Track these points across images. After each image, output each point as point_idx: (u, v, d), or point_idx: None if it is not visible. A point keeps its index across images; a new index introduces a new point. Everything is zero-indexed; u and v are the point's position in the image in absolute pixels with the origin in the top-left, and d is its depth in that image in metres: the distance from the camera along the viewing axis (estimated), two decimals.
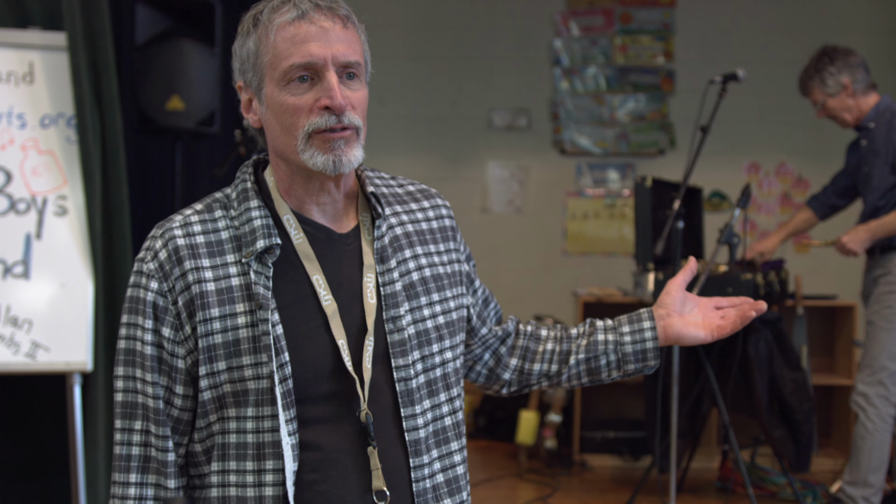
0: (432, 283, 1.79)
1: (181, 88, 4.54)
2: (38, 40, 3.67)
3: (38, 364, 3.47)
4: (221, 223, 1.71)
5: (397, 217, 1.81)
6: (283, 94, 1.65)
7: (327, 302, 1.67)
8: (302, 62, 1.63)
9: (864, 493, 4.36)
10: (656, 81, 6.83)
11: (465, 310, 1.88)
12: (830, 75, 4.54)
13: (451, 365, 1.79)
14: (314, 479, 1.64)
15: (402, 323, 1.71)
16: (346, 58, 1.66)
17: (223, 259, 1.67)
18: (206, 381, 1.65)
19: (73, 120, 3.64)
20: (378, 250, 1.74)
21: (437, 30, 6.89)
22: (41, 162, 3.64)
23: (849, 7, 6.81)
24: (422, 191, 1.92)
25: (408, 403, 1.69)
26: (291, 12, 1.64)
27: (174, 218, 1.72)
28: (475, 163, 6.85)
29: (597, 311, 6.07)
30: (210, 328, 1.64)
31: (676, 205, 4.36)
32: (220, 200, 1.75)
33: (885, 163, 4.44)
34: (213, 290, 1.65)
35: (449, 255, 1.86)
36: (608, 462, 5.81)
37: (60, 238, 3.59)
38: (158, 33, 4.64)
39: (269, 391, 1.62)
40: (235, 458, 1.66)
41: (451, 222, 1.91)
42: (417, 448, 1.69)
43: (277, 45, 1.64)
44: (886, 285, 4.43)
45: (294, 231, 1.70)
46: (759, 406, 4.61)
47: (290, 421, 1.62)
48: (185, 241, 1.67)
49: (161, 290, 1.66)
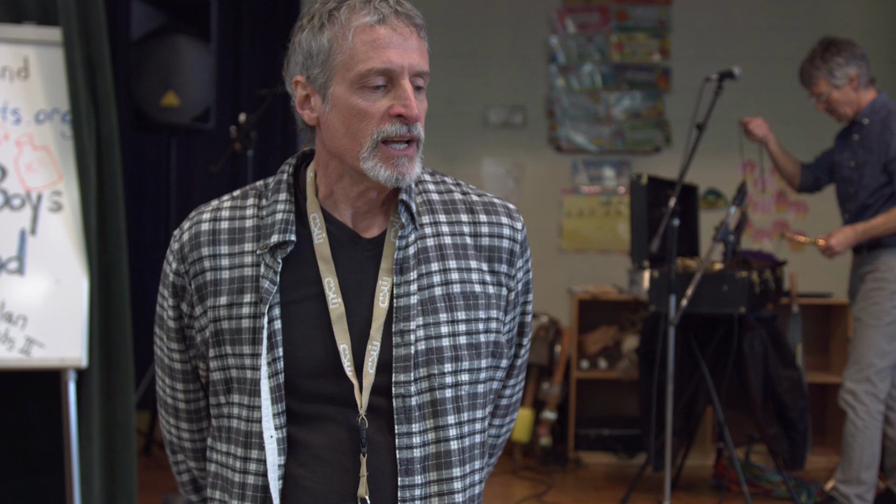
0: (460, 301, 1.71)
1: (176, 84, 4.54)
2: (33, 35, 3.66)
3: (33, 360, 3.46)
4: (249, 211, 1.73)
5: (435, 227, 1.74)
6: (356, 98, 1.62)
7: (335, 305, 1.66)
8: (381, 67, 1.61)
9: (858, 490, 4.37)
10: (652, 79, 6.83)
11: (502, 335, 1.79)
12: (838, 66, 4.49)
13: (467, 388, 1.70)
14: (300, 475, 1.65)
15: (410, 337, 1.66)
16: (420, 67, 1.65)
17: (241, 247, 1.70)
18: (215, 363, 1.71)
19: (68, 115, 3.63)
20: (398, 260, 1.68)
21: (433, 26, 6.83)
22: (36, 158, 3.63)
23: (845, 4, 6.82)
24: (487, 204, 1.80)
25: (403, 421, 1.65)
26: (372, 15, 1.62)
27: (212, 202, 1.78)
28: (471, 160, 6.84)
29: (592, 309, 6.08)
30: (218, 314, 1.69)
31: (672, 202, 4.36)
32: (258, 189, 1.77)
33: (877, 162, 4.44)
34: (227, 277, 1.69)
35: (495, 276, 1.76)
36: (603, 459, 5.81)
37: (55, 234, 3.58)
38: (154, 29, 4.65)
39: (259, 382, 1.65)
40: (227, 441, 1.72)
41: (512, 245, 1.78)
42: (409, 468, 1.65)
43: (356, 46, 1.61)
44: (873, 282, 4.43)
45: (317, 230, 1.70)
46: (753, 404, 4.61)
47: (279, 415, 1.64)
48: (208, 227, 1.72)
49: (178, 271, 1.74)
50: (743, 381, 4.62)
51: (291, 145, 6.25)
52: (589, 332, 6.07)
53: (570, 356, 5.94)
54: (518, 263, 1.80)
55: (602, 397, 6.15)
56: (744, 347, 4.56)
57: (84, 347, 3.51)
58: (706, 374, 4.62)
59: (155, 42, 4.53)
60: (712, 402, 4.64)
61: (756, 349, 4.62)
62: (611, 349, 6.03)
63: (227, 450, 1.71)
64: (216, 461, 1.74)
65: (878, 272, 4.42)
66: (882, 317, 4.39)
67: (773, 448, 4.70)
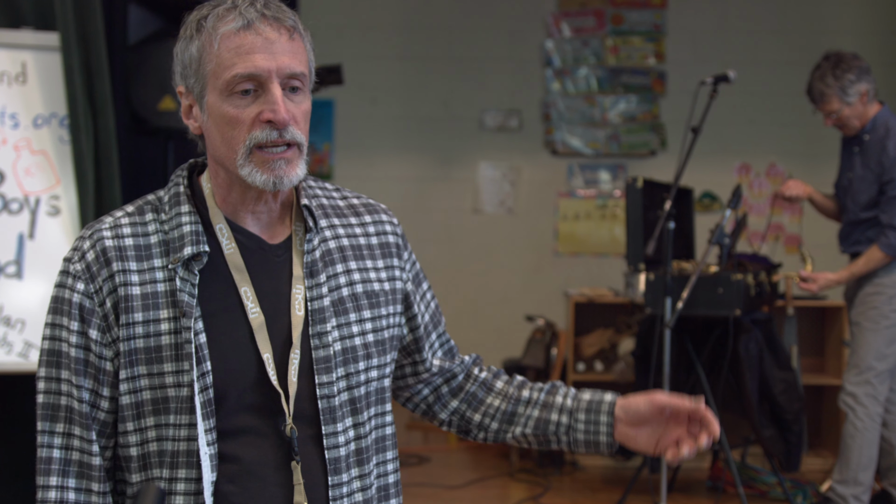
0: (364, 300, 1.74)
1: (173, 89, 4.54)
2: (31, 40, 3.67)
3: (31, 364, 3.47)
4: (151, 227, 1.68)
5: (333, 230, 1.76)
6: (226, 106, 1.61)
7: (254, 315, 1.64)
8: (245, 73, 1.59)
9: (854, 491, 4.39)
10: (647, 82, 6.85)
11: (399, 328, 1.82)
12: (850, 83, 4.43)
13: (375, 384, 1.74)
14: (230, 491, 1.62)
15: (328, 339, 1.67)
16: (290, 69, 1.61)
17: (150, 263, 1.64)
18: (126, 386, 1.62)
19: (66, 120, 3.64)
20: (308, 264, 1.70)
21: (429, 31, 6.90)
22: (34, 162, 3.64)
23: (839, 8, 6.84)
24: (366, 205, 1.85)
25: (329, 421, 1.66)
26: (237, 21, 1.60)
27: (104, 219, 1.70)
28: (467, 163, 6.86)
29: (588, 312, 6.09)
30: (133, 332, 1.61)
31: (667, 205, 4.37)
32: (152, 203, 1.72)
33: (873, 179, 4.46)
34: (139, 294, 1.62)
35: (389, 272, 1.80)
36: (599, 462, 5.82)
37: (53, 238, 3.59)
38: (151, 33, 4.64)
39: (189, 399, 1.60)
40: (144, 468, 1.64)
41: (396, 239, 1.84)
42: (337, 466, 1.66)
43: (221, 54, 1.60)
44: (872, 287, 4.46)
45: (226, 241, 1.67)
46: (749, 406, 4.62)
47: (210, 431, 1.60)
48: (113, 243, 1.64)
49: (87, 292, 1.63)
50: (738, 384, 4.64)
51: None
52: (585, 335, 6.08)
53: (567, 359, 5.95)
54: (405, 255, 1.85)
55: None
56: (739, 350, 4.57)
57: None
58: (702, 376, 4.64)
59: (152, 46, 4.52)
60: (708, 404, 4.64)
61: (751, 351, 4.63)
62: (607, 352, 6.04)
63: (144, 477, 1.64)
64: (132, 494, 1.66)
65: (876, 277, 4.45)
66: (881, 321, 4.41)
67: (769, 450, 4.71)
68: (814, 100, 4.55)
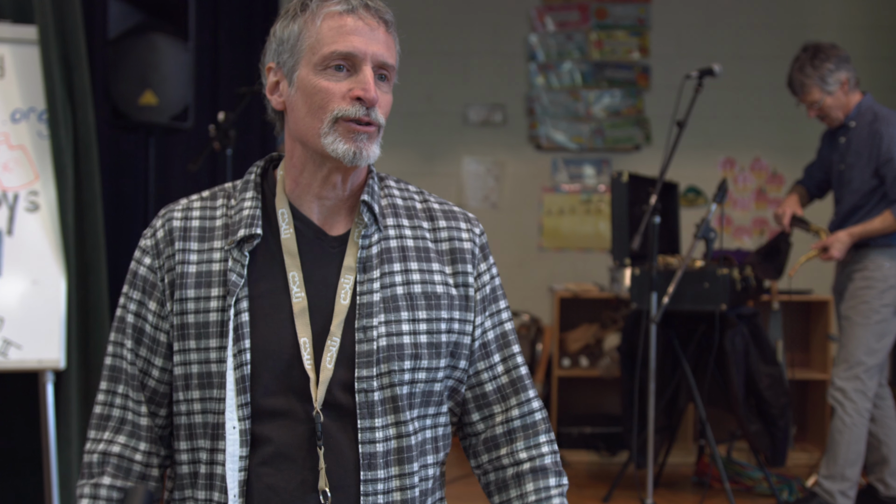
0: (421, 300, 1.75)
1: (154, 83, 4.49)
2: (9, 34, 3.62)
3: (10, 362, 3.43)
4: (219, 211, 1.79)
5: (398, 230, 1.80)
6: (318, 78, 1.69)
7: (298, 299, 1.71)
8: (344, 51, 1.68)
9: (841, 486, 4.38)
10: (632, 77, 6.84)
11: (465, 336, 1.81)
12: (830, 72, 4.45)
13: (422, 385, 1.74)
14: (265, 472, 1.67)
15: (372, 334, 1.70)
16: (383, 58, 1.71)
17: (210, 244, 1.75)
18: (178, 358, 1.72)
19: (45, 114, 3.59)
20: (362, 259, 1.74)
21: (412, 25, 6.86)
22: (12, 157, 3.59)
23: (823, 3, 6.84)
24: (446, 211, 1.87)
25: (366, 416, 1.68)
26: (342, 4, 1.70)
27: (181, 201, 1.82)
28: (450, 158, 6.83)
29: (573, 307, 6.08)
30: (185, 307, 1.72)
31: (653, 200, 4.36)
32: (227, 190, 1.83)
33: (867, 165, 4.44)
34: (194, 272, 1.73)
35: (460, 277, 1.81)
36: (585, 457, 5.81)
37: (32, 234, 3.54)
38: (131, 27, 4.60)
39: (225, 375, 1.68)
40: (190, 437, 1.73)
41: (471, 246, 1.84)
42: (372, 462, 1.68)
43: (322, 31, 1.69)
44: (862, 280, 4.45)
45: (285, 225, 1.75)
46: (735, 401, 4.62)
47: (243, 406, 1.67)
48: (180, 224, 1.77)
49: (152, 267, 1.76)
50: (724, 379, 4.63)
51: (270, 144, 6.22)
52: (570, 331, 6.07)
53: (552, 354, 5.93)
54: (482, 266, 1.85)
55: (584, 395, 6.15)
56: (725, 344, 4.56)
57: (62, 349, 3.47)
58: (688, 371, 4.63)
59: (132, 40, 4.48)
60: (694, 399, 4.65)
61: (737, 346, 4.62)
62: (592, 347, 6.03)
63: (192, 446, 1.73)
64: (184, 461, 1.74)
65: (866, 271, 4.43)
66: (871, 315, 4.40)
67: (755, 445, 4.71)
68: (795, 91, 4.57)
